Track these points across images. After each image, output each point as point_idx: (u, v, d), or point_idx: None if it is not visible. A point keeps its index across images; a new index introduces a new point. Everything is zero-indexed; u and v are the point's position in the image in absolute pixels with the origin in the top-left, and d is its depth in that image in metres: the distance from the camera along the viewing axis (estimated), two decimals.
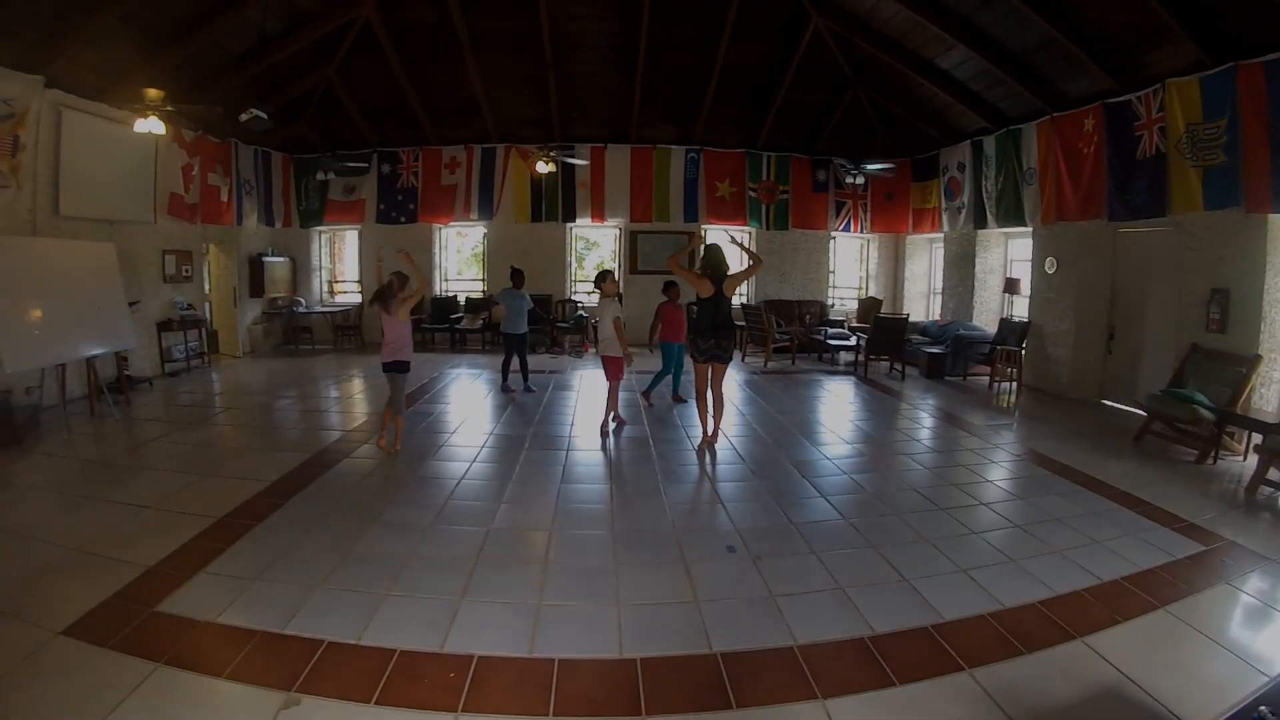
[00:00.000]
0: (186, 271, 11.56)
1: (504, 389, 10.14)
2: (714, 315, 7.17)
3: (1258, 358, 7.46)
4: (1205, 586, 4.46)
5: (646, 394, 9.49)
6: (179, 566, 4.35)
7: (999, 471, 6.90)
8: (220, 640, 3.60)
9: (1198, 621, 4.00)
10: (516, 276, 10.30)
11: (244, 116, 9.49)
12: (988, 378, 11.33)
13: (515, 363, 10.18)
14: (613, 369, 7.87)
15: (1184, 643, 3.80)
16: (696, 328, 7.30)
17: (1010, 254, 12.93)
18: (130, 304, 9.35)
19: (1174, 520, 5.56)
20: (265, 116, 9.64)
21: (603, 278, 8.08)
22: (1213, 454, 7.31)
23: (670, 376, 9.60)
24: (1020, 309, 12.02)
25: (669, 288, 9.25)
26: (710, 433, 7.39)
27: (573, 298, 14.95)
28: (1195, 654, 3.69)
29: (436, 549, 4.74)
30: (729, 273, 7.27)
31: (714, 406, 7.36)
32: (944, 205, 13.49)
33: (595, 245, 16.55)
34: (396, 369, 6.99)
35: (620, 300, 8.16)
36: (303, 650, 3.49)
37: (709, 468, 6.78)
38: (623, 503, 5.75)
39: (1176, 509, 5.80)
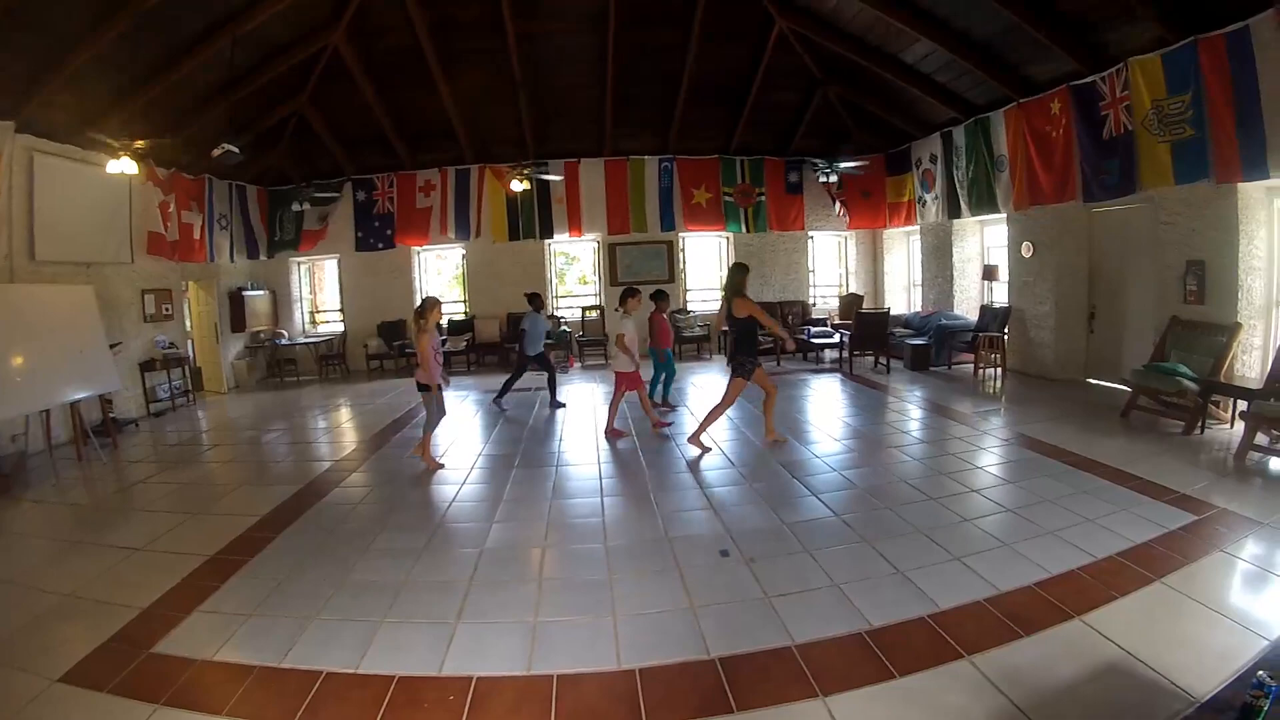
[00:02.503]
0: (167, 310, 11.49)
1: (497, 403, 10.30)
2: (732, 333, 7.43)
3: (1237, 325, 7.52)
4: (1200, 556, 4.47)
5: (665, 399, 9.71)
6: (174, 607, 4.30)
7: (989, 458, 6.91)
8: (218, 677, 3.56)
9: (1195, 591, 4.01)
10: (535, 300, 10.61)
11: (216, 152, 9.48)
12: (972, 365, 11.39)
13: (517, 381, 10.54)
14: (624, 382, 8.11)
15: (1182, 614, 3.81)
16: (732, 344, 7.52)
17: (986, 241, 13.00)
18: (112, 346, 9.28)
19: (1165, 493, 5.59)
20: (237, 150, 9.65)
21: (626, 296, 8.28)
22: (1199, 424, 7.37)
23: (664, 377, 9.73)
24: (1000, 295, 12.07)
25: (660, 298, 9.46)
26: (696, 431, 7.53)
27: (554, 314, 14.91)
28: (1194, 624, 3.70)
29: (431, 573, 4.71)
30: (736, 293, 7.27)
31: (713, 408, 7.45)
32: (919, 197, 13.55)
33: (575, 259, 16.56)
34: (420, 388, 7.18)
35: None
36: (302, 682, 3.46)
37: (699, 474, 6.74)
38: (615, 515, 5.73)
39: (1167, 481, 5.83)
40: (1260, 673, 2.38)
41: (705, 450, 7.36)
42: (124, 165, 8.46)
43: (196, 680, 3.54)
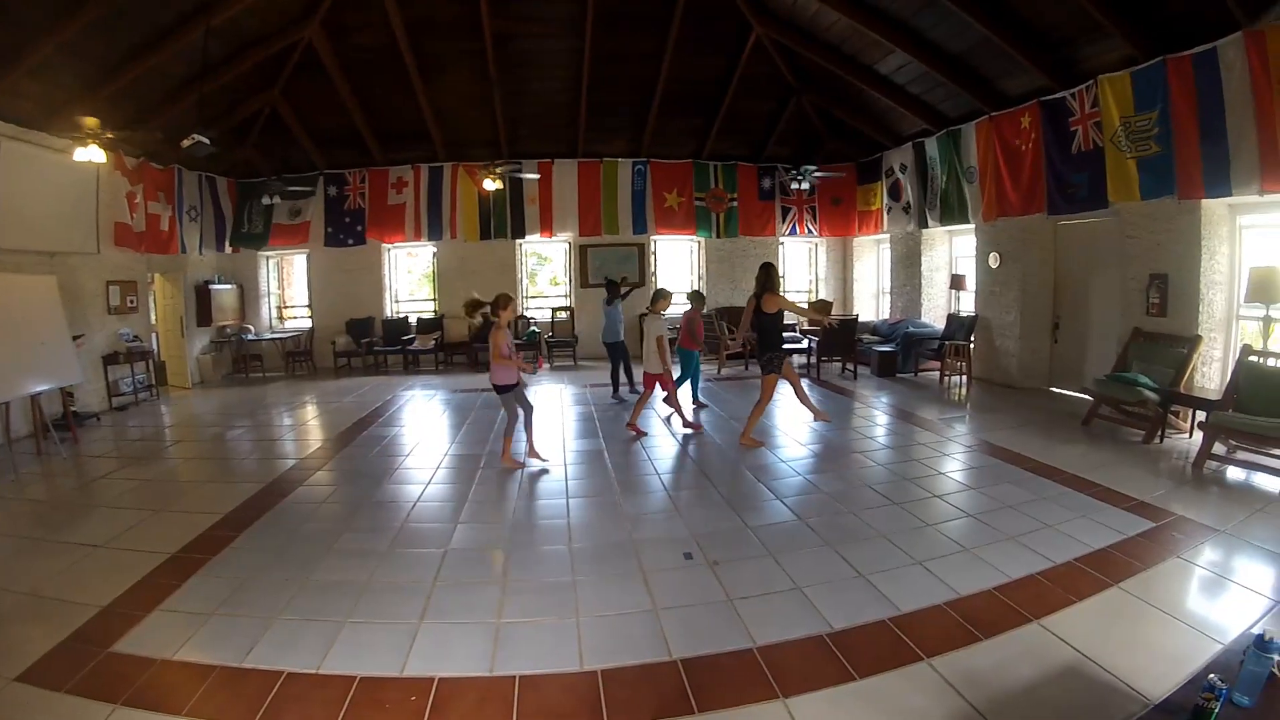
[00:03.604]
0: (132, 302, 11.25)
1: (615, 398, 10.41)
2: (758, 330, 7.70)
3: (1198, 338, 7.69)
4: (1157, 561, 4.55)
5: (696, 399, 9.77)
6: (134, 605, 4.20)
7: (952, 464, 6.99)
8: (179, 677, 3.49)
9: (1151, 596, 4.08)
10: (611, 289, 10.70)
11: (186, 142, 9.30)
12: (938, 373, 11.52)
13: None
14: (651, 384, 8.43)
15: (1139, 618, 3.87)
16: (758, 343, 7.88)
17: (955, 251, 13.18)
18: (74, 338, 9.09)
19: (1124, 499, 5.69)
20: (208, 142, 9.47)
21: (657, 297, 8.50)
22: (1159, 433, 7.52)
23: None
24: (967, 304, 12.22)
25: (697, 299, 9.69)
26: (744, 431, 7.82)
27: (525, 314, 14.85)
28: (1150, 628, 3.76)
29: (394, 573, 4.65)
30: (765, 290, 7.51)
31: (755, 407, 7.80)
32: (888, 207, 13.71)
33: (547, 260, 16.48)
34: (497, 390, 7.08)
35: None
36: (262, 682, 3.40)
37: (665, 477, 6.75)
38: (580, 516, 5.70)
39: (1126, 489, 5.93)
40: (1211, 675, 2.41)
41: (759, 445, 7.64)
42: (91, 154, 8.26)
43: (156, 680, 3.47)
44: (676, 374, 9.30)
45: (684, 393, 9.60)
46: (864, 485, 6.30)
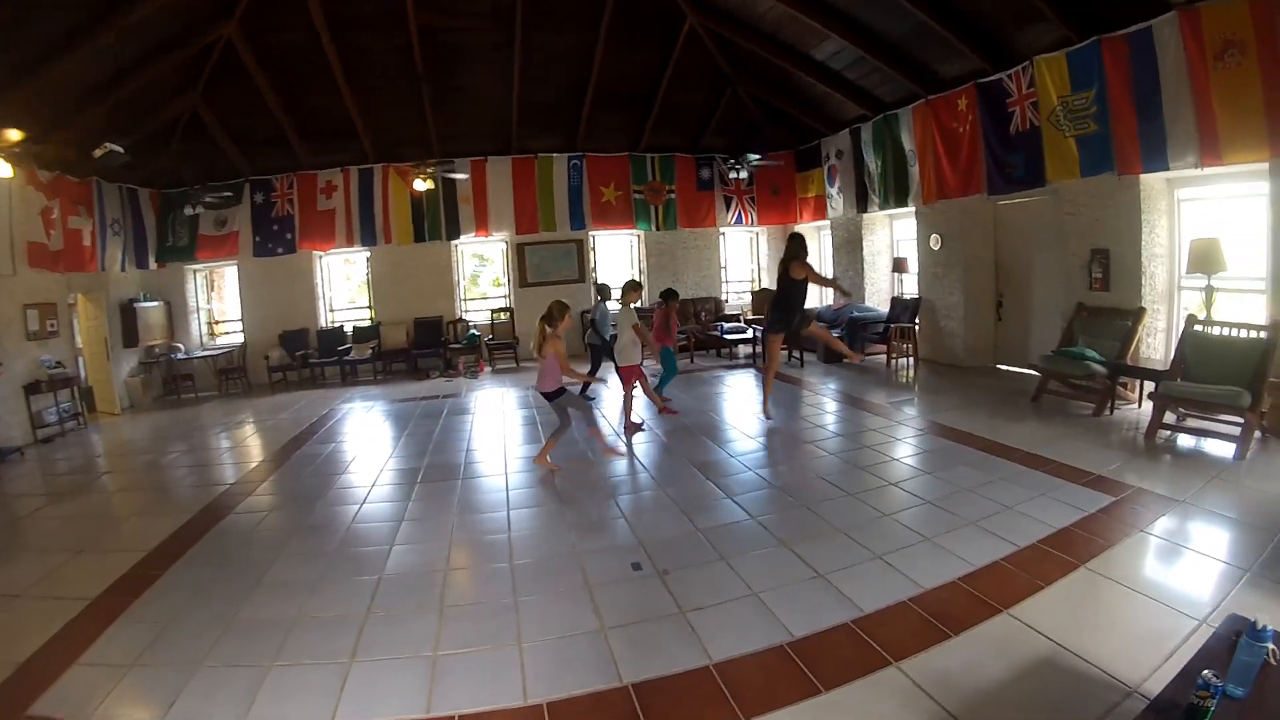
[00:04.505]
0: (53, 326, 10.49)
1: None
2: (780, 295, 8.06)
3: (1141, 310, 7.73)
4: (1121, 538, 4.43)
5: (660, 396, 9.26)
6: (53, 660, 3.75)
7: (905, 449, 6.83)
8: None
9: (1119, 574, 3.96)
10: (603, 291, 10.45)
11: (98, 151, 8.78)
12: (885, 356, 11.43)
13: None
14: (630, 377, 8.03)
15: (1109, 598, 3.73)
16: (771, 304, 8.30)
17: (896, 234, 13.14)
18: None
19: (1081, 475, 5.59)
20: (121, 150, 8.96)
21: (628, 289, 8.32)
22: (1109, 405, 7.51)
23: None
24: (910, 286, 12.19)
25: (670, 296, 9.40)
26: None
27: (464, 317, 14.41)
28: (1122, 608, 3.62)
29: (325, 606, 4.24)
30: (796, 258, 7.78)
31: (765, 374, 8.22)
32: (828, 193, 13.63)
33: (490, 261, 15.99)
34: (548, 396, 6.72)
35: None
36: None
37: (611, 481, 6.42)
38: (522, 529, 5.35)
39: (1082, 463, 5.85)
40: (1205, 672, 2.20)
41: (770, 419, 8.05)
42: None
43: None
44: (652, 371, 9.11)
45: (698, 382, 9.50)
46: (817, 477, 6.09)
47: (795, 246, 7.83)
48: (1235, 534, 4.45)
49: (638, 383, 8.19)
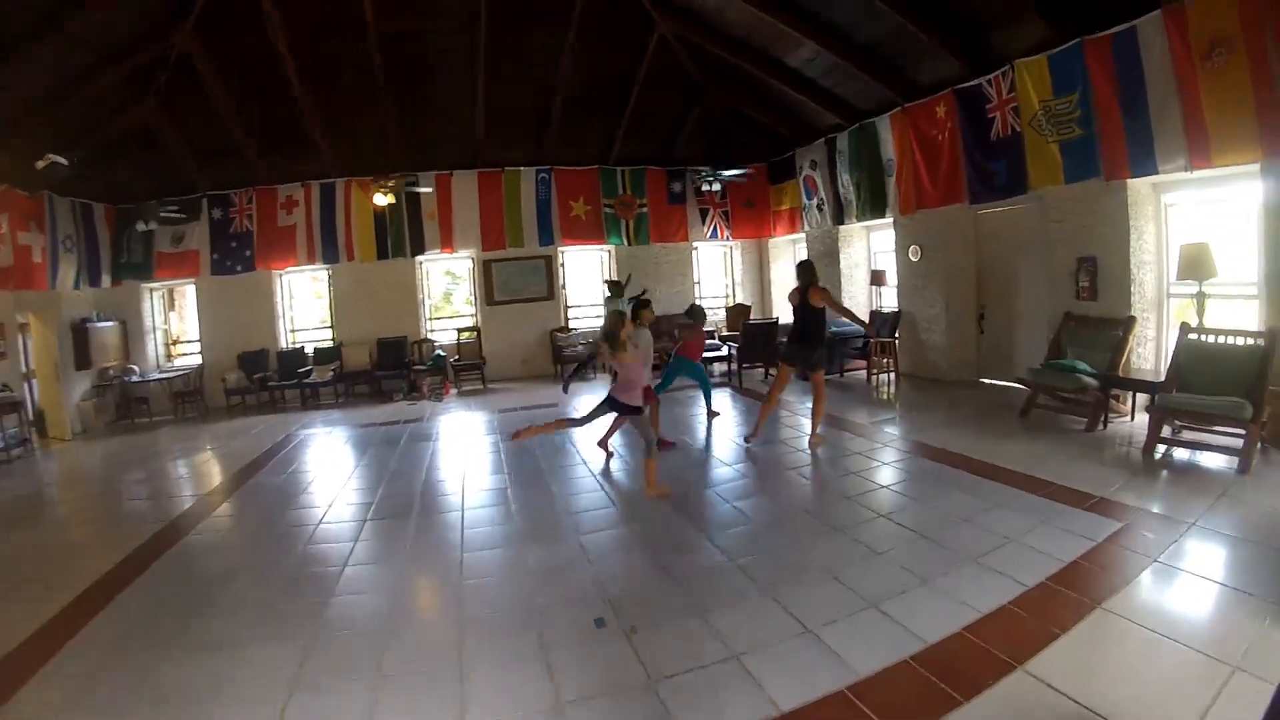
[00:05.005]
0: (0, 347, 9.95)
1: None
2: (797, 325, 7.47)
3: (1132, 319, 7.44)
4: (1135, 571, 4.04)
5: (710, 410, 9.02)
6: None
7: (892, 473, 6.39)
8: None
9: (1138, 614, 3.56)
10: (615, 287, 10.16)
11: (41, 163, 8.30)
12: (865, 372, 11.07)
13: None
14: (648, 397, 7.37)
15: (1132, 645, 3.32)
16: (788, 334, 7.69)
17: (873, 246, 12.83)
18: None
19: (1082, 498, 5.22)
20: (65, 162, 8.56)
21: (639, 309, 7.67)
22: (1102, 419, 7.19)
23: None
24: (889, 299, 11.89)
25: (698, 314, 8.92)
26: (811, 433, 7.53)
27: (430, 337, 13.87)
28: (1147, 656, 3.22)
29: (246, 674, 3.66)
30: (814, 284, 7.31)
31: (813, 407, 7.51)
32: (803, 205, 13.34)
33: (462, 279, 15.41)
34: (623, 409, 6.30)
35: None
36: None
37: (575, 517, 5.85)
38: (474, 575, 4.81)
39: (1082, 485, 5.49)
40: None
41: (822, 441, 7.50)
42: None
43: None
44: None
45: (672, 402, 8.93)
46: (800, 510, 5.62)
47: (810, 273, 7.43)
48: (1253, 559, 4.10)
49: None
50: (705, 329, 9.29)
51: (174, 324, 14.16)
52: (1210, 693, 2.89)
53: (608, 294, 9.80)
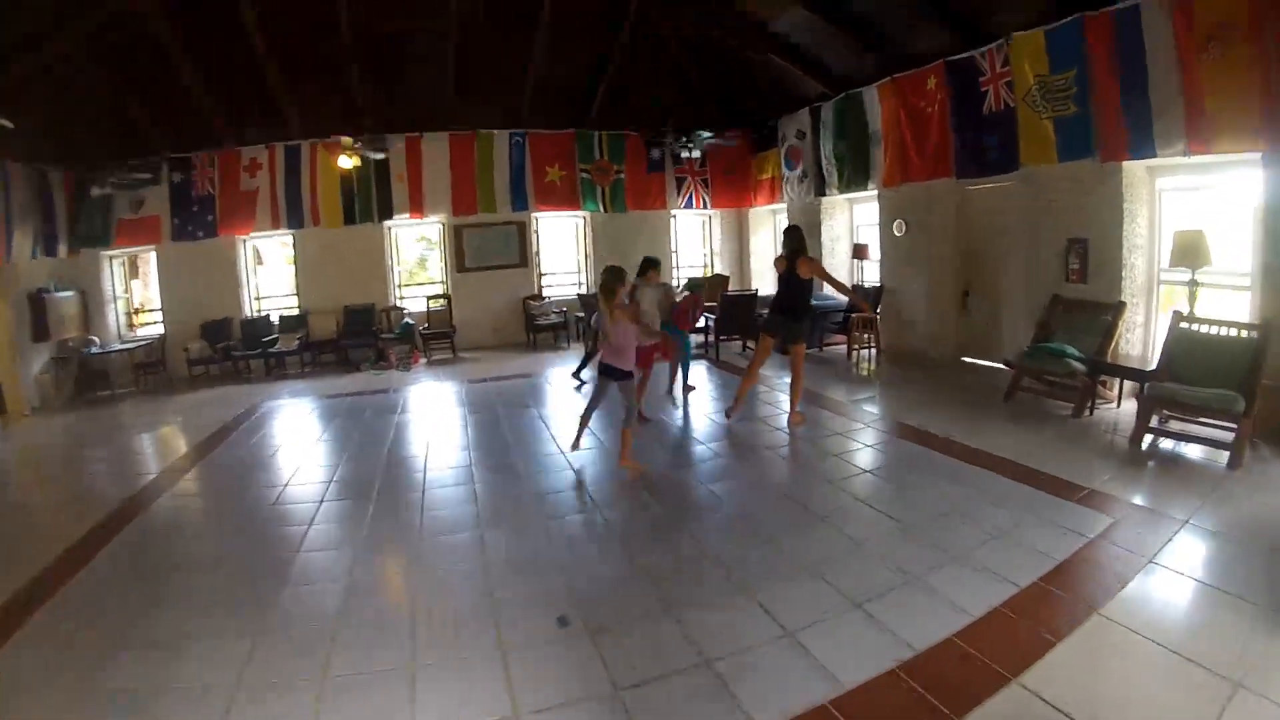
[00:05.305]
0: None
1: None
2: (782, 295, 7.12)
3: (1122, 304, 7.23)
4: (1131, 572, 3.83)
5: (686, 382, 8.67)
6: None
7: (874, 457, 6.16)
8: None
9: (1136, 621, 3.34)
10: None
11: None
12: (845, 347, 10.83)
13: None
14: (647, 359, 7.38)
15: (1131, 656, 3.11)
16: (770, 305, 7.36)
17: (856, 219, 12.54)
18: None
19: (1073, 490, 5.01)
20: (9, 125, 8.15)
21: (649, 265, 7.70)
22: (1089, 405, 6.99)
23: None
24: (871, 274, 11.62)
25: (697, 287, 8.83)
26: (790, 412, 7.29)
27: (398, 305, 13.45)
28: (1147, 670, 3.02)
29: (187, 674, 3.37)
30: (802, 253, 7.00)
31: (791, 384, 7.24)
32: (785, 175, 13.03)
33: (437, 245, 14.94)
34: (612, 375, 5.98)
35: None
36: None
37: (544, 502, 5.52)
38: (432, 564, 4.52)
39: (1071, 475, 5.28)
40: None
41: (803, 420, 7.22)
42: None
43: None
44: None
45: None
46: (780, 494, 5.37)
47: (799, 239, 7.09)
48: (1248, 560, 3.91)
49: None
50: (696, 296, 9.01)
51: (138, 292, 13.62)
52: (1214, 711, 2.70)
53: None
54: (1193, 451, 5.79)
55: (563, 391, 9.55)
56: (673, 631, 3.47)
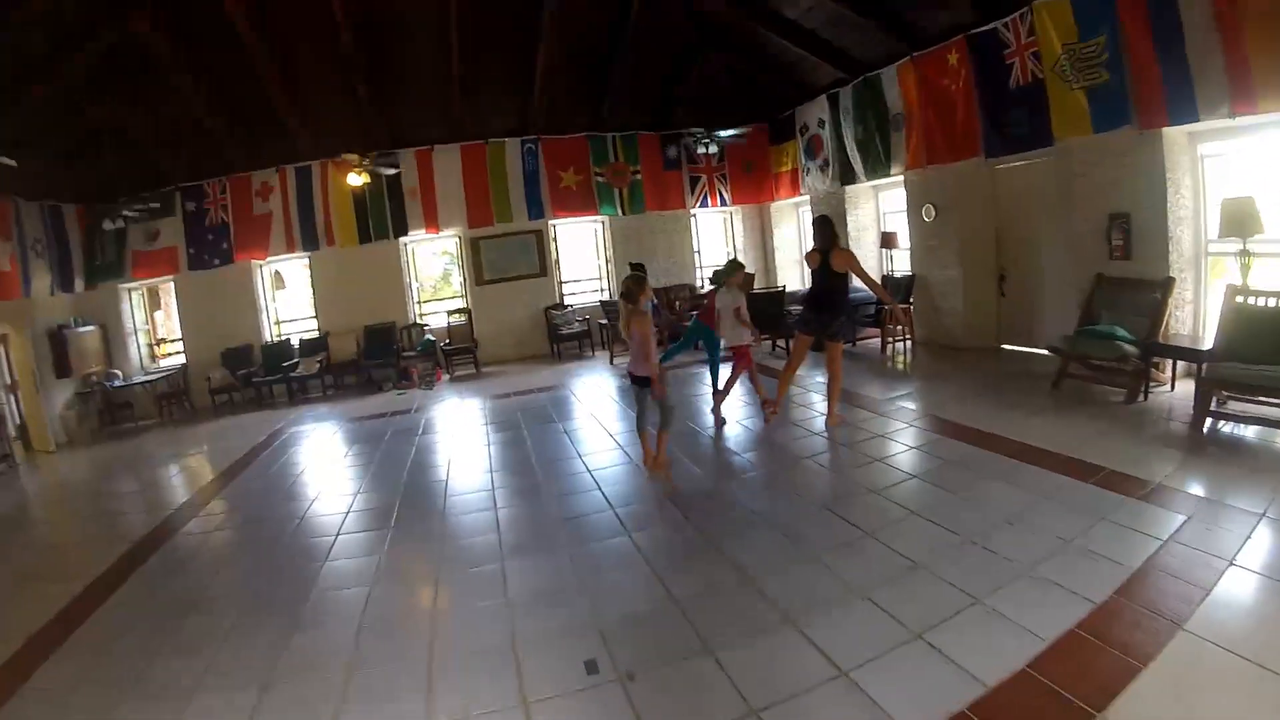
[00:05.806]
0: None
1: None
2: (816, 290, 6.88)
3: (1170, 280, 6.78)
4: (1213, 578, 3.45)
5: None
6: None
7: (918, 459, 5.79)
8: None
9: (1226, 637, 2.98)
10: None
11: None
12: (879, 340, 10.46)
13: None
14: (743, 356, 7.47)
15: (1226, 679, 2.76)
16: (805, 299, 7.16)
17: (882, 207, 12.18)
18: None
19: (1137, 485, 4.62)
20: (12, 164, 8.14)
21: (732, 269, 7.50)
22: (1142, 390, 6.57)
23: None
24: (902, 263, 11.25)
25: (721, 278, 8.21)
26: (828, 414, 6.99)
27: (419, 321, 13.27)
28: (1246, 695, 2.66)
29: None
30: (836, 245, 6.70)
31: (828, 385, 6.93)
32: (805, 165, 12.69)
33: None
34: (638, 381, 5.98)
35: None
36: None
37: (575, 524, 5.22)
38: (452, 598, 4.29)
39: (1133, 469, 4.88)
40: None
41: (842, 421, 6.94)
42: None
43: None
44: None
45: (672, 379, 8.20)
46: (821, 507, 4.99)
47: (830, 231, 6.73)
48: None
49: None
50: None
51: (160, 324, 13.67)
52: None
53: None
54: (1258, 435, 5.39)
55: (587, 404, 9.27)
56: (712, 674, 3.14)
